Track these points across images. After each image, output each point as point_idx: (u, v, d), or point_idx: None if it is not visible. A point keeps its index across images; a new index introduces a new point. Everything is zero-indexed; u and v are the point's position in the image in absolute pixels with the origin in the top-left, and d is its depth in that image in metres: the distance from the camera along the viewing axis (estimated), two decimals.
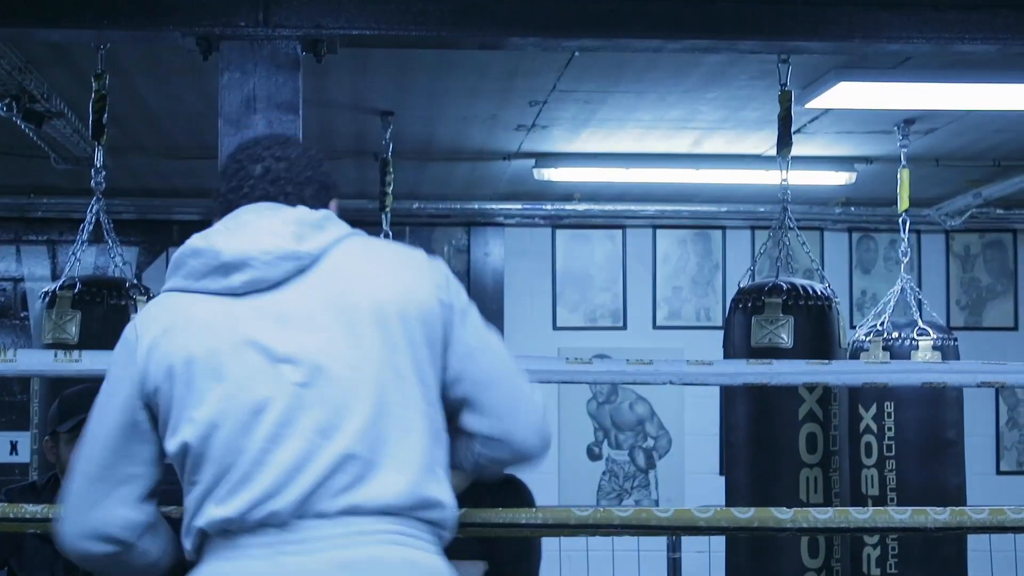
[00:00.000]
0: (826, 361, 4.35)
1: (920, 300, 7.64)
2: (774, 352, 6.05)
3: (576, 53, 6.26)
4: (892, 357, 7.24)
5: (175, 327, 2.66)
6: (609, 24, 5.17)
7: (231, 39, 4.93)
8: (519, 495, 4.92)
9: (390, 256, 2.75)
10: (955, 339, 7.45)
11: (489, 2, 5.10)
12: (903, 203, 7.73)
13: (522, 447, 2.78)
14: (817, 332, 6.27)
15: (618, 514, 4.10)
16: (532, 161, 8.77)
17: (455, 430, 2.76)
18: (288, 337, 2.62)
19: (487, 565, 4.77)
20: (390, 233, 7.55)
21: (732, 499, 6.32)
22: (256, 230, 2.68)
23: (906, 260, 7.72)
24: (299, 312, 2.64)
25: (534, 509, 3.52)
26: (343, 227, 2.75)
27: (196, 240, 2.72)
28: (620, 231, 10.56)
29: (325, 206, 2.80)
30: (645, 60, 6.56)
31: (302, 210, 2.73)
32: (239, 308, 2.65)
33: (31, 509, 3.90)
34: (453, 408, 2.74)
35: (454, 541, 2.81)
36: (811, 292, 6.30)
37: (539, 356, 4.61)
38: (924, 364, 5.53)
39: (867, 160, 8.89)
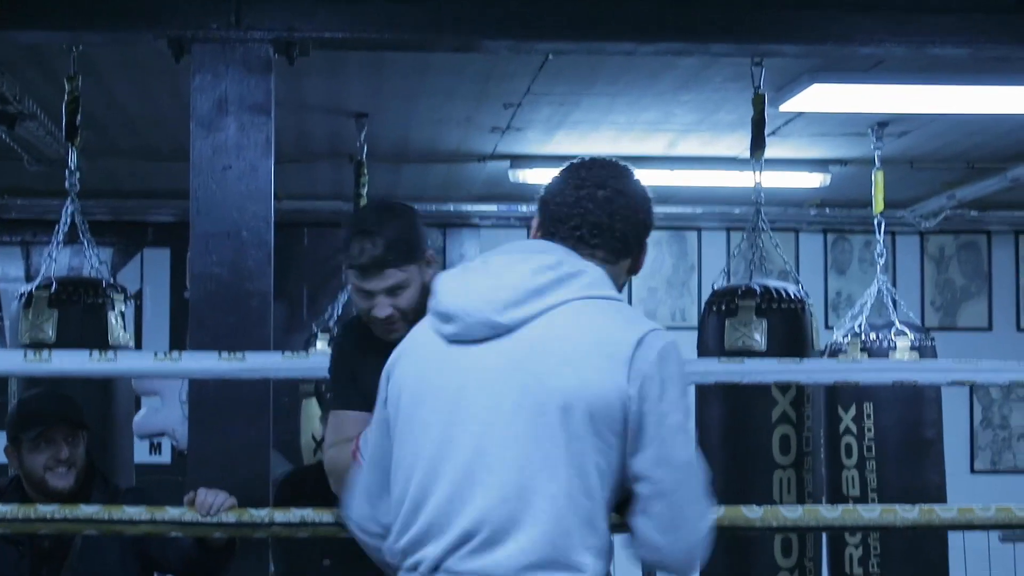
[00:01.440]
0: (798, 360, 4.37)
1: (896, 301, 7.66)
2: (747, 355, 6.06)
3: (550, 56, 6.26)
4: (870, 358, 7.27)
5: (407, 353, 2.85)
6: (582, 27, 5.18)
7: (203, 41, 4.93)
8: None
9: (587, 338, 2.69)
10: (932, 339, 7.48)
11: (462, 5, 5.11)
12: (878, 205, 7.76)
13: (669, 562, 2.78)
14: (790, 335, 6.29)
15: None
16: (507, 163, 8.77)
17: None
18: (467, 397, 2.70)
19: None
20: None
21: None
22: (479, 286, 2.74)
23: (881, 261, 7.75)
24: (482, 376, 2.69)
25: None
26: (566, 292, 2.72)
27: (441, 276, 2.85)
28: None
29: (622, 255, 2.87)
30: (619, 63, 6.57)
31: (543, 265, 2.74)
32: (451, 353, 2.75)
33: (2, 509, 3.90)
34: (633, 498, 2.75)
35: None
36: (784, 295, 6.32)
37: None
38: (896, 362, 5.56)
39: (842, 162, 8.91)
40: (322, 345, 6.74)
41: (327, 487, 4.83)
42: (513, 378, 2.66)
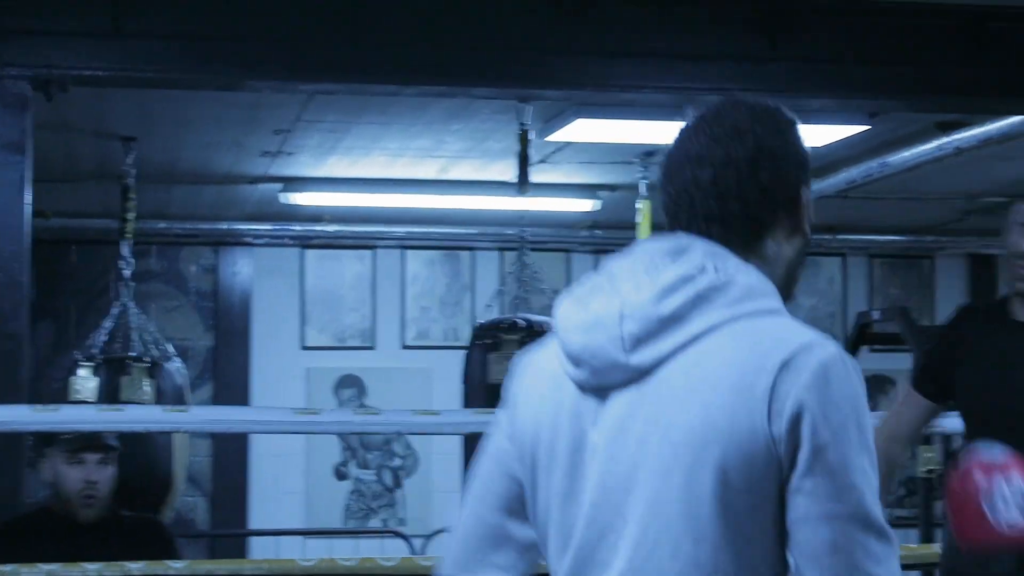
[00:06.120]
0: None
1: None
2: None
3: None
4: None
5: (532, 389, 2.24)
6: (345, 69, 5.22)
7: None
8: (160, 537, 4.78)
9: (726, 370, 2.06)
10: None
11: (226, 46, 5.11)
12: (645, 229, 7.93)
13: None
14: None
15: (343, 563, 4.17)
16: (279, 185, 8.75)
17: None
18: (593, 459, 2.13)
19: None
20: (131, 261, 7.41)
21: None
22: (603, 315, 2.12)
23: None
24: (612, 434, 2.12)
25: (258, 560, 3.55)
26: (711, 316, 2.09)
27: (561, 300, 2.21)
28: (370, 251, 10.59)
29: (760, 235, 2.19)
30: (388, 95, 6.60)
31: (678, 277, 2.11)
32: (583, 403, 2.16)
33: None
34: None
35: None
36: (549, 329, 6.44)
37: (267, 407, 4.64)
38: None
39: (611, 188, 9.06)
40: (85, 373, 6.64)
41: (41, 538, 4.48)
42: (637, 437, 2.09)
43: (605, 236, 10.30)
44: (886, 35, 5.62)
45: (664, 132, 7.25)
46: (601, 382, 2.12)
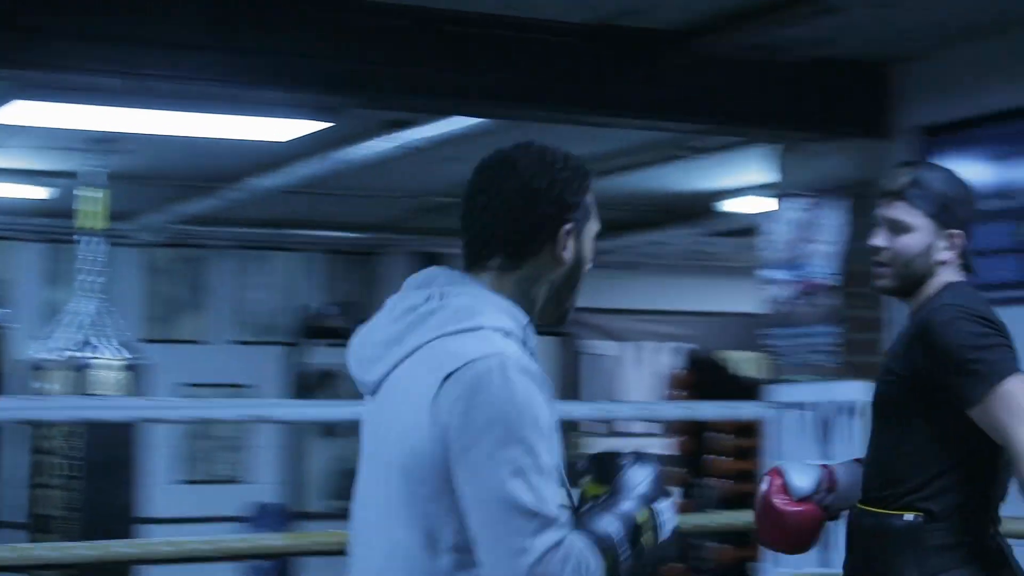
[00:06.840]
0: None
1: (112, 315, 7.72)
2: None
3: None
4: (78, 373, 7.31)
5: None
6: None
7: None
8: None
9: (413, 384, 2.45)
10: (144, 357, 7.59)
11: None
12: (100, 219, 7.82)
13: None
14: None
15: None
16: None
17: None
18: (362, 450, 2.63)
19: None
20: None
21: None
22: (358, 340, 2.61)
23: (100, 274, 7.80)
24: (367, 432, 2.61)
25: None
26: (421, 335, 2.48)
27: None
28: None
29: (534, 253, 2.54)
30: None
31: (408, 306, 2.53)
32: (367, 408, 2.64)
33: None
34: None
35: None
36: None
37: None
38: (83, 400, 5.60)
39: (68, 175, 8.82)
40: None
41: None
42: (368, 442, 2.58)
43: (58, 224, 9.98)
44: (349, 33, 5.68)
45: (114, 119, 7.09)
46: (365, 393, 2.57)
